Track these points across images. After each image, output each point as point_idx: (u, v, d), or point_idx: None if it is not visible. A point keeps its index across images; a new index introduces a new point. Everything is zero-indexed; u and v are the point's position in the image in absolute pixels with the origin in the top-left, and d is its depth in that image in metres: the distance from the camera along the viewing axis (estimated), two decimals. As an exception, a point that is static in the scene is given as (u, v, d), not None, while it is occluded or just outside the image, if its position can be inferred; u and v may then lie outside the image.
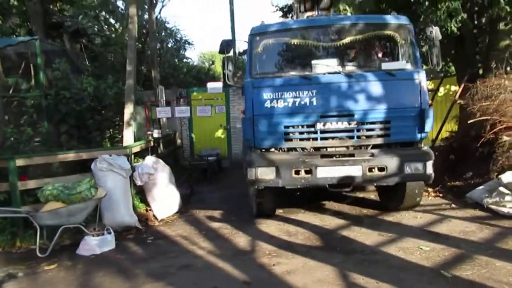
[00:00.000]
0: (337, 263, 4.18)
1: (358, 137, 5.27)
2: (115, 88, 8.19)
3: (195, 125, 12.57)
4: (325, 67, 5.33)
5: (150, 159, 6.70)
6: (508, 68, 8.41)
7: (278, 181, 5.17)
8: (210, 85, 8.20)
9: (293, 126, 5.32)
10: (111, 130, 8.33)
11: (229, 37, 13.60)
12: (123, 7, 18.05)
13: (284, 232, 5.37)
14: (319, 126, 5.24)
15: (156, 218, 6.45)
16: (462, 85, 8.20)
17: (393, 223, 5.53)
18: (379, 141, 5.30)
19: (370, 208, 6.32)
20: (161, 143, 9.19)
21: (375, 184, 5.38)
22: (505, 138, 6.47)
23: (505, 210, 5.43)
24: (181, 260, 4.62)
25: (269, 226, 5.64)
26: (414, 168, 5.10)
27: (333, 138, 5.28)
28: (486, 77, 7.89)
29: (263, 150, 5.45)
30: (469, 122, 6.81)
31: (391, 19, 5.57)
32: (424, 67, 5.79)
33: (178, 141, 11.45)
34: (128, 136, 7.18)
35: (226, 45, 5.69)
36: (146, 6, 13.78)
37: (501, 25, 8.70)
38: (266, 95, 5.27)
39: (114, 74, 10.14)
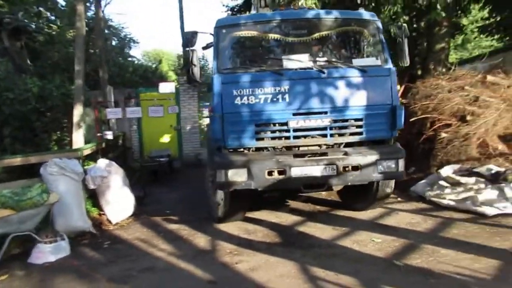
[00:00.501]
0: (297, 258, 4.35)
1: (331, 135, 5.11)
2: (62, 88, 7.87)
3: (145, 126, 12.32)
4: (296, 63, 5.14)
5: (103, 162, 6.52)
6: (444, 69, 9.09)
7: (250, 183, 4.89)
8: (162, 85, 8.15)
9: (264, 124, 5.05)
10: (58, 132, 7.99)
11: (178, 36, 13.48)
12: (63, 4, 17.34)
13: (243, 231, 5.47)
14: (292, 124, 5.00)
15: (110, 222, 6.30)
16: (404, 85, 8.72)
17: (346, 217, 5.81)
18: (352, 139, 5.17)
19: (323, 204, 6.59)
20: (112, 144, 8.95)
21: (349, 183, 5.17)
22: (443, 134, 7.00)
23: (445, 202, 5.89)
24: (142, 263, 4.58)
25: (227, 225, 5.71)
26: (387, 166, 5.03)
27: (305, 136, 5.10)
28: (425, 77, 8.47)
29: (232, 150, 5.16)
30: (411, 120, 7.26)
31: (362, 14, 5.49)
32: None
33: (127, 142, 11.21)
34: (78, 138, 6.96)
35: (191, 37, 5.23)
36: (89, 4, 13.39)
37: (437, 29, 9.40)
38: (236, 91, 4.97)
39: (58, 73, 9.75)
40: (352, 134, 5.17)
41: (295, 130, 5.05)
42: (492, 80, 7.24)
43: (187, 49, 5.28)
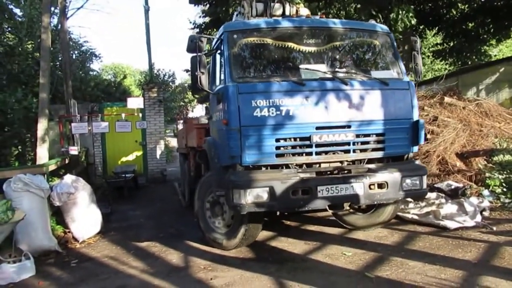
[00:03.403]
0: (272, 273, 4.39)
1: (354, 150, 4.78)
2: (24, 101, 7.62)
3: (109, 141, 12.08)
4: (316, 73, 4.84)
5: (69, 178, 6.34)
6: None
7: (273, 204, 4.42)
8: (131, 100, 8.08)
9: (285, 139, 4.60)
10: (19, 147, 7.69)
11: (143, 51, 13.40)
12: (20, 15, 16.81)
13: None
14: (315, 138, 4.59)
15: (76, 240, 6.10)
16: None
17: (316, 232, 5.94)
18: (374, 155, 4.87)
19: (293, 219, 6.69)
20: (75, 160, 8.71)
21: (375, 202, 4.83)
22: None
23: (409, 216, 6.15)
24: (115, 281, 4.48)
25: (198, 241, 5.68)
26: (412, 184, 4.77)
27: (326, 152, 4.71)
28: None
29: (248, 167, 4.64)
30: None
31: (378, 26, 5.35)
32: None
33: (89, 158, 10.93)
34: (42, 153, 6.75)
35: (198, 41, 4.67)
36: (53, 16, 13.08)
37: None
38: (255, 102, 4.50)
39: (18, 86, 9.42)
40: (374, 149, 4.87)
41: (318, 145, 4.65)
42: (449, 101, 7.71)
43: (194, 54, 4.70)
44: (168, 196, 9.93)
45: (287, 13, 5.99)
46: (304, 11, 6.19)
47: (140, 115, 9.41)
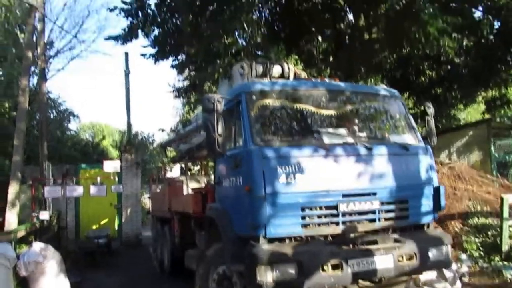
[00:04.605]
0: None
1: (379, 219, 4.49)
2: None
3: (83, 204, 11.76)
4: (337, 137, 4.70)
5: (38, 245, 6.05)
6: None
7: (302, 281, 3.94)
8: (107, 163, 8.01)
9: (310, 208, 4.26)
10: (-14, 211, 7.41)
11: (122, 112, 13.46)
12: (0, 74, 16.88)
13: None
14: (342, 207, 4.30)
15: (41, 313, 5.71)
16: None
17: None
18: (399, 223, 4.59)
19: None
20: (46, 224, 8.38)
21: (404, 274, 4.52)
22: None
23: (389, 282, 6.05)
24: None
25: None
26: (438, 254, 4.53)
27: (351, 222, 4.39)
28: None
29: (270, 240, 4.19)
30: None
31: (392, 91, 5.34)
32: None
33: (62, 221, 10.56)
34: (12, 218, 6.51)
35: (216, 102, 4.29)
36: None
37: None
38: (280, 168, 4.17)
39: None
40: (398, 218, 4.61)
41: (345, 214, 4.34)
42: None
43: (211, 115, 4.29)
44: (143, 262, 9.53)
45: (285, 75, 6.09)
46: (303, 75, 6.37)
47: (117, 178, 9.24)
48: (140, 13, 11.25)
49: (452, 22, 8.38)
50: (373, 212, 4.45)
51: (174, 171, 9.88)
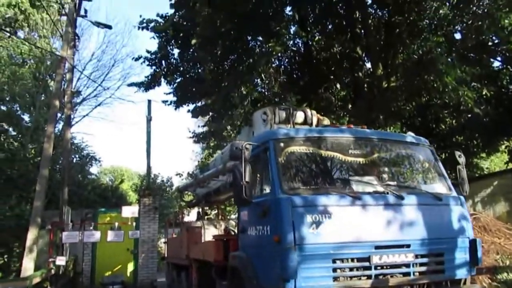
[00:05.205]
0: None
1: (413, 273, 4.22)
2: (17, 209, 7.55)
3: (100, 248, 11.67)
4: (367, 186, 4.49)
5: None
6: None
7: None
8: (126, 209, 8.03)
9: (342, 260, 4.02)
10: (5, 256, 7.43)
11: (143, 156, 13.68)
12: (28, 120, 17.53)
13: None
14: (375, 259, 4.05)
15: None
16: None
17: None
18: (434, 278, 4.31)
19: None
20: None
21: None
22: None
23: None
24: None
25: None
26: None
27: (384, 275, 4.13)
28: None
29: None
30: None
31: (421, 140, 5.22)
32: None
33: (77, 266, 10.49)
34: (29, 264, 6.53)
35: (244, 149, 4.20)
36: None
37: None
38: (310, 217, 3.98)
39: (12, 191, 9.40)
40: (433, 271, 4.35)
41: (377, 267, 4.10)
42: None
43: (238, 162, 4.20)
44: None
45: (308, 121, 6.10)
46: (326, 121, 6.39)
47: (134, 224, 9.23)
48: (163, 62, 11.72)
49: (470, 72, 8.37)
50: (407, 265, 4.20)
51: (190, 215, 9.84)
